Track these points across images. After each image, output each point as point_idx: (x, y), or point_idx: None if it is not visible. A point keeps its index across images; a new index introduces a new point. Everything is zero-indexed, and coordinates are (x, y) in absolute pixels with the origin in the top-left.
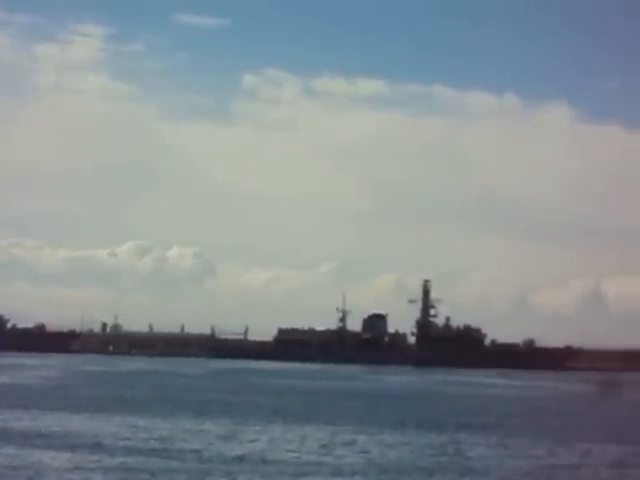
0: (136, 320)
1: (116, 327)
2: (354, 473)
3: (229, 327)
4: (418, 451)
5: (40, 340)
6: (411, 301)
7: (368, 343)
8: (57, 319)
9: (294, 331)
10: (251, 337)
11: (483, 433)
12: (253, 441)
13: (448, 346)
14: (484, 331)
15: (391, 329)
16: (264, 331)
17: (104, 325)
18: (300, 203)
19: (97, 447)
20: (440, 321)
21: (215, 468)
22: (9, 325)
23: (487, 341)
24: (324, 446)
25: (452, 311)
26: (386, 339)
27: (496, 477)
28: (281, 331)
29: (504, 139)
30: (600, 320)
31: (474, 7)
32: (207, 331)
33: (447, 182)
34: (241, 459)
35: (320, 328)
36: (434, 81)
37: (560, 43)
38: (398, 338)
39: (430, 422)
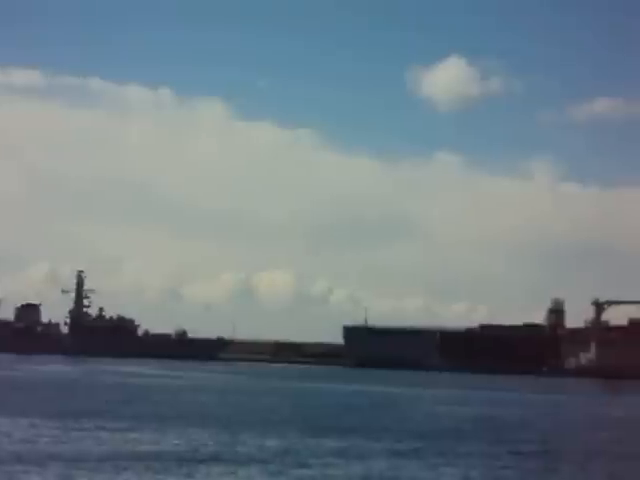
0: None
1: None
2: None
3: None
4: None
5: None
6: (64, 291)
7: (21, 332)
8: None
9: None
10: None
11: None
12: None
13: (101, 336)
14: (137, 321)
15: (44, 319)
16: None
17: None
18: None
19: None
20: (94, 311)
21: None
22: None
23: (140, 331)
24: None
25: (106, 302)
26: (39, 328)
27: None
28: None
29: (159, 133)
30: (251, 313)
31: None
32: None
33: (102, 172)
34: None
35: None
36: (91, 73)
37: (212, 39)
38: (51, 328)
39: (75, 411)
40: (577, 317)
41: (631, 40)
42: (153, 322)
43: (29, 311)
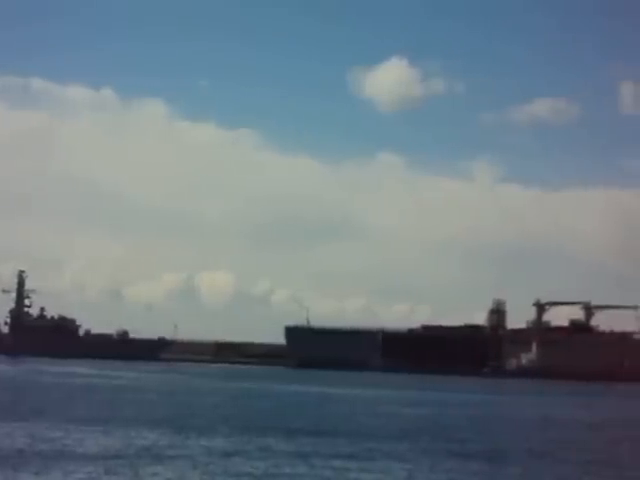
0: None
1: None
2: None
3: None
4: None
5: None
6: (5, 291)
7: None
8: None
9: None
10: None
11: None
12: None
13: (42, 336)
14: (78, 321)
15: None
16: None
17: None
18: None
19: None
20: (35, 311)
21: None
22: None
23: (81, 331)
24: None
25: (47, 301)
26: None
27: None
28: None
29: (101, 133)
30: (192, 313)
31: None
32: None
33: (43, 173)
34: None
35: None
36: (32, 74)
37: (153, 40)
38: None
39: (15, 410)
40: (518, 318)
41: (570, 40)
42: (94, 322)
43: None
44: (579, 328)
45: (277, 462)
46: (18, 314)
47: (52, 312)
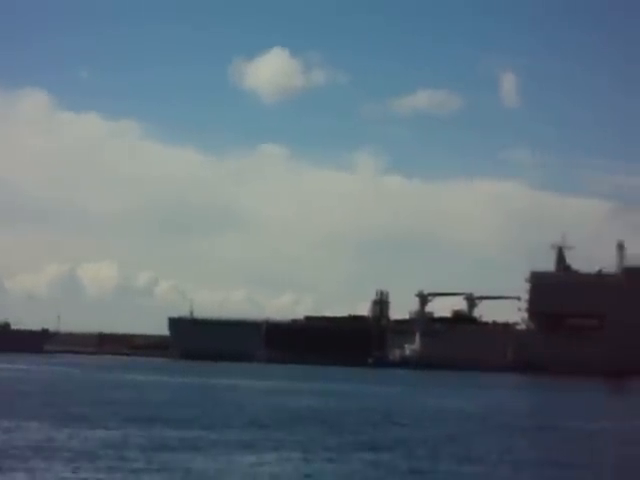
0: None
1: None
2: None
3: None
4: None
5: None
6: None
7: None
8: None
9: None
10: None
11: None
12: None
13: None
14: None
15: None
16: None
17: None
18: None
19: None
20: None
21: None
22: None
23: None
24: None
25: None
26: None
27: None
28: None
29: None
30: (76, 304)
31: None
32: None
33: None
34: None
35: None
36: None
37: (33, 30)
38: None
39: None
40: (402, 309)
41: (451, 32)
42: None
43: None
44: (462, 319)
45: (168, 454)
46: None
47: None
